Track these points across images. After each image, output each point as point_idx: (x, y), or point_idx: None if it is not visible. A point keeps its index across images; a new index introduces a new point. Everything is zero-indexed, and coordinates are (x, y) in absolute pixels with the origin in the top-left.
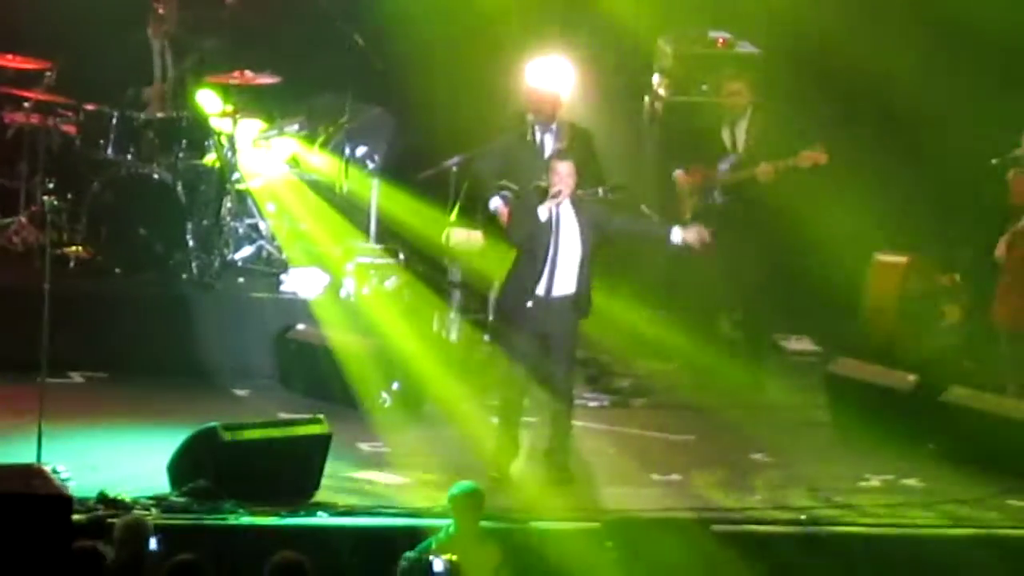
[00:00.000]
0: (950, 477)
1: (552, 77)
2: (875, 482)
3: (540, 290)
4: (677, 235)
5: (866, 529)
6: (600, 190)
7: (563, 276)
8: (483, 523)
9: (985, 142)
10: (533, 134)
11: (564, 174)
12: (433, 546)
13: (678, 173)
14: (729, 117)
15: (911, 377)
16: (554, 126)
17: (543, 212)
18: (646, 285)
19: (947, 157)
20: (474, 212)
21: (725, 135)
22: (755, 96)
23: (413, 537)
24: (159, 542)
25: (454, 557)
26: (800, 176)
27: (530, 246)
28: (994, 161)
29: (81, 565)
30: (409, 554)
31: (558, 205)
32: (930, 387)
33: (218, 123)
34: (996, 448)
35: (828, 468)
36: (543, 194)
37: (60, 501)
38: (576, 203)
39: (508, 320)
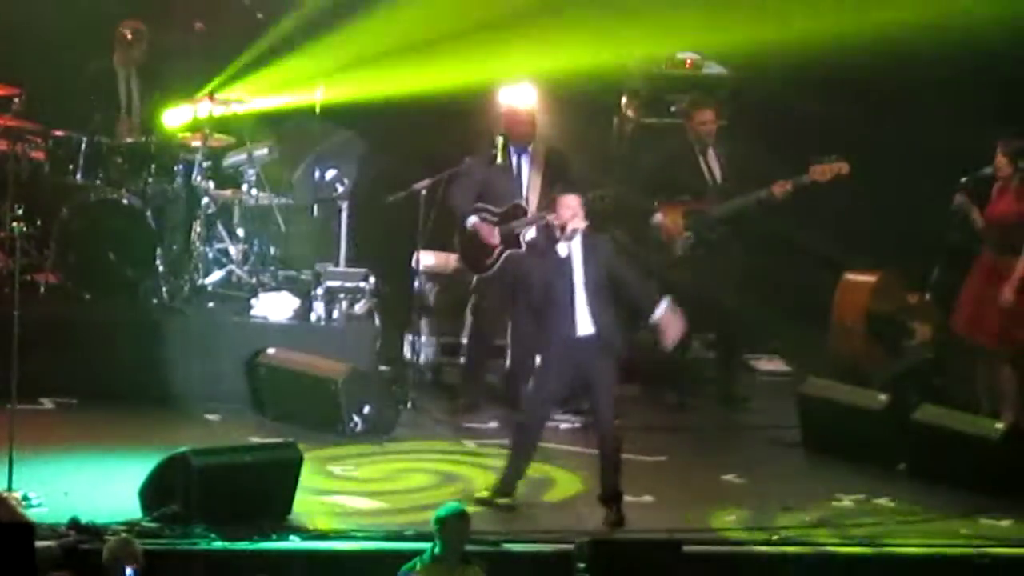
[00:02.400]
0: (921, 496)
1: (525, 98)
2: (847, 501)
3: (567, 331)
4: (658, 315)
5: (838, 549)
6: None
7: (582, 315)
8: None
9: (955, 161)
10: (508, 156)
11: (574, 206)
12: (418, 567)
13: (657, 217)
14: (700, 146)
15: (881, 396)
16: (530, 148)
17: (563, 249)
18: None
19: (916, 175)
20: (445, 235)
21: (702, 165)
22: (723, 121)
23: (383, 561)
24: (135, 572)
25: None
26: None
27: (550, 288)
28: (963, 180)
29: None
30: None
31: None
32: (901, 406)
33: (187, 148)
34: (967, 466)
35: (800, 488)
36: (549, 231)
37: (22, 529)
38: (587, 239)
39: (538, 361)
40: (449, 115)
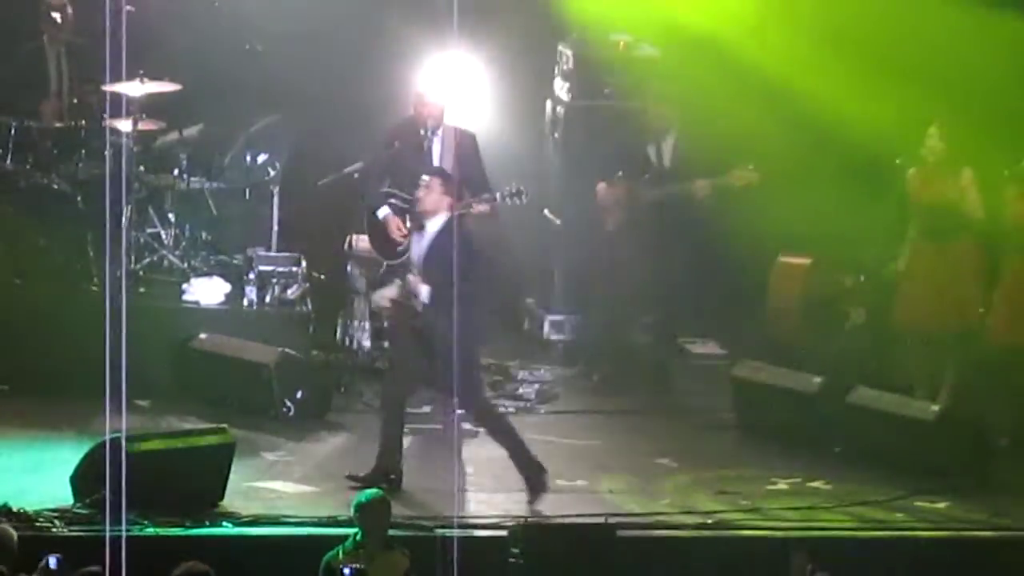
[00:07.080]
0: (856, 479)
1: (442, 80)
2: (782, 485)
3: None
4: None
5: (773, 532)
6: (497, 195)
7: None
8: (391, 531)
9: (888, 140)
10: (424, 139)
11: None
12: (340, 556)
13: (601, 186)
14: (654, 131)
15: (816, 379)
16: (440, 131)
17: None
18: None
19: (851, 156)
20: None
21: (651, 150)
22: (682, 111)
23: (318, 547)
24: (59, 561)
25: (361, 564)
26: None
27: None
28: (898, 160)
29: None
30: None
31: None
32: (835, 389)
33: (117, 131)
34: (902, 449)
35: (735, 471)
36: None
37: None
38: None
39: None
40: (383, 95)
